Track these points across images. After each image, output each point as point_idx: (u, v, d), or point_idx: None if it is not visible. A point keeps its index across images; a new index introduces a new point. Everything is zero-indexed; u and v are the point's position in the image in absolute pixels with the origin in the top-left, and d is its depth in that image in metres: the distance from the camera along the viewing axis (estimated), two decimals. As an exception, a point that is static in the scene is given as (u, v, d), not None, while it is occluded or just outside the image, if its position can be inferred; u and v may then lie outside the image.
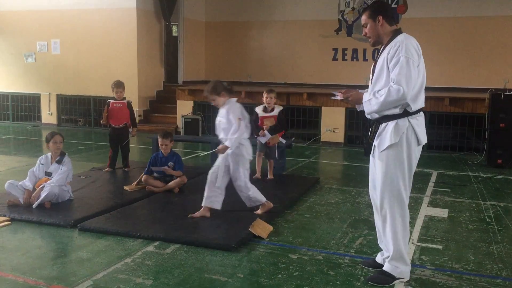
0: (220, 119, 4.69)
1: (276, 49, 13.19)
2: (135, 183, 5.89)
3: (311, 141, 10.16)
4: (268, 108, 6.33)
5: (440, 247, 4.21)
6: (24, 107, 12.94)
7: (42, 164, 5.20)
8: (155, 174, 5.89)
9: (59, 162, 5.17)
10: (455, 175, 7.29)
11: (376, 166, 3.39)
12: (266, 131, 6.20)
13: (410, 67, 3.15)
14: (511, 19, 11.03)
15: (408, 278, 3.45)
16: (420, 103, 3.30)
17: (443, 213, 5.25)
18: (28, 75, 12.64)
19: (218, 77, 13.66)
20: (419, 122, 3.31)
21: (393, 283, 3.40)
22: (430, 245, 4.24)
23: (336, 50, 12.62)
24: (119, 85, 6.90)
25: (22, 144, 9.70)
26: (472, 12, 11.34)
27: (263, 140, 6.24)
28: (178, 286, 3.37)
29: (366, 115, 3.44)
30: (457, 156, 8.86)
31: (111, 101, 6.92)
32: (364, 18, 3.39)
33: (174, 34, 13.11)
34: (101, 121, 7.10)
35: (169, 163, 5.84)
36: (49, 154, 5.26)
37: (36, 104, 12.75)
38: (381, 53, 3.36)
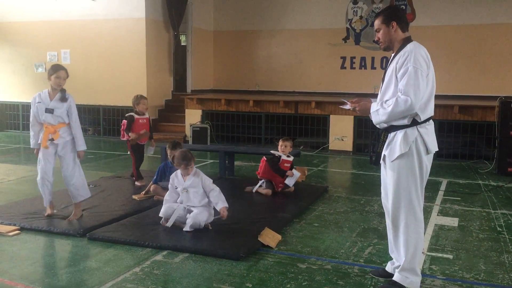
0: (194, 189, 4.64)
1: (284, 58, 13.22)
2: (143, 192, 5.91)
3: (320, 150, 10.14)
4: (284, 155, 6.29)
5: (451, 256, 4.17)
6: (34, 117, 13.03)
7: (40, 102, 4.81)
8: (163, 183, 5.90)
9: (62, 99, 4.81)
10: (465, 183, 7.23)
11: (388, 176, 3.37)
12: (294, 171, 6.21)
13: (419, 78, 3.13)
14: (521, 26, 10.98)
15: None
16: (429, 112, 3.28)
17: (453, 222, 5.20)
18: (39, 85, 12.67)
19: (227, 86, 13.73)
20: (428, 131, 3.29)
21: None
22: (440, 255, 4.20)
23: (344, 58, 12.63)
24: (143, 97, 6.75)
25: (32, 154, 9.72)
26: (481, 20, 11.30)
27: (292, 181, 6.19)
28: (186, 295, 3.35)
29: (375, 125, 3.43)
30: (467, 164, 8.79)
31: (136, 116, 6.62)
32: (377, 23, 3.37)
33: (182, 44, 13.19)
34: (128, 138, 6.56)
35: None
36: (45, 91, 4.87)
37: (46, 114, 12.83)
38: (390, 62, 3.35)
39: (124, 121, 6.66)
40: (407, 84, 3.14)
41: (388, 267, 3.63)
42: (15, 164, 8.46)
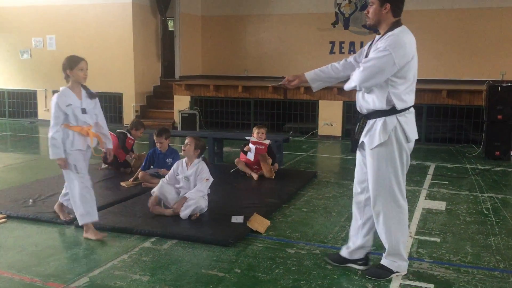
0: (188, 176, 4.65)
1: (272, 43, 13.13)
2: (131, 179, 5.87)
3: (309, 135, 10.14)
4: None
5: (438, 240, 4.20)
6: (20, 104, 12.88)
7: (70, 105, 4.10)
8: (151, 170, 5.87)
9: (92, 96, 4.22)
10: (453, 167, 7.28)
11: (367, 163, 3.34)
12: (250, 145, 6.22)
13: (384, 60, 3.08)
14: (509, 10, 10.98)
15: (405, 272, 3.44)
16: (409, 102, 3.23)
17: (440, 205, 5.24)
18: (24, 72, 12.58)
19: (215, 71, 13.63)
20: (407, 120, 3.24)
21: (390, 277, 3.39)
22: (427, 238, 4.23)
23: (333, 43, 12.57)
24: (144, 126, 6.73)
25: (19, 141, 9.65)
26: (470, 4, 11.29)
27: (250, 156, 6.23)
28: (175, 282, 3.35)
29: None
30: (455, 149, 8.85)
31: (128, 135, 6.57)
32: None
33: (170, 29, 13.04)
34: (133, 157, 6.53)
35: (167, 160, 5.81)
36: (65, 89, 4.19)
37: (32, 101, 12.69)
38: (373, 44, 3.29)
39: (114, 139, 6.29)
40: (370, 59, 3.14)
41: (343, 252, 3.62)
42: (1, 152, 8.36)
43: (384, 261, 3.42)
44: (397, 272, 3.40)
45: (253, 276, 3.45)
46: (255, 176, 6.11)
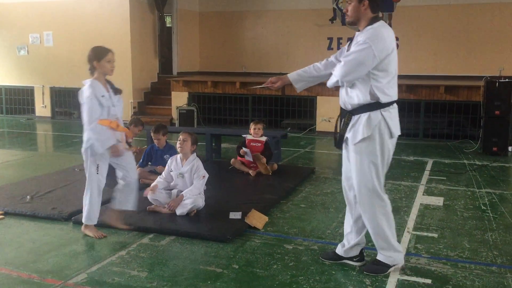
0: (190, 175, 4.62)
1: (270, 39, 13.11)
2: (129, 175, 5.85)
3: (307, 131, 10.14)
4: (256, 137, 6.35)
5: (435, 235, 4.21)
6: (17, 100, 12.85)
7: (103, 96, 3.92)
8: (149, 167, 5.86)
9: (117, 91, 4.08)
10: (450, 163, 7.29)
11: (350, 158, 3.36)
12: (245, 149, 6.20)
13: (364, 53, 3.10)
14: (506, 6, 10.97)
15: (402, 263, 3.44)
16: (392, 96, 3.24)
17: (438, 201, 5.25)
18: (21, 68, 12.54)
19: (213, 67, 13.61)
20: (391, 115, 3.25)
21: (388, 271, 3.39)
22: (425, 234, 4.24)
23: (331, 39, 12.54)
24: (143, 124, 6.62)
25: (16, 138, 9.63)
26: (468, 0, 11.28)
27: (247, 157, 6.22)
28: (173, 278, 3.35)
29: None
30: (453, 144, 8.86)
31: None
32: None
33: (168, 25, 13.01)
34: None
35: (165, 156, 5.80)
36: (93, 81, 3.96)
37: (29, 97, 12.65)
38: (353, 39, 3.30)
39: None
40: (350, 54, 3.16)
41: (339, 249, 3.62)
42: (-1, 148, 8.35)
43: (380, 257, 3.43)
44: (394, 265, 3.40)
45: (251, 272, 3.45)
46: (252, 173, 6.11)
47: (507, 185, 6.02)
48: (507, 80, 7.88)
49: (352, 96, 3.27)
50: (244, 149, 6.21)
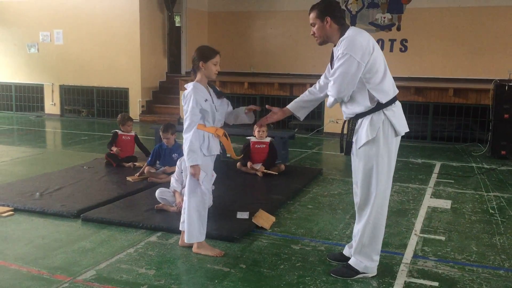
0: None
1: (279, 40, 13.12)
2: (137, 174, 5.89)
3: (314, 132, 10.14)
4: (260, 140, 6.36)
5: (443, 238, 4.21)
6: (27, 98, 12.94)
7: (207, 100, 3.59)
8: (157, 166, 5.90)
9: (220, 95, 3.77)
10: (458, 166, 7.27)
11: (355, 163, 3.33)
12: (249, 164, 6.21)
13: (347, 63, 3.09)
14: (517, 9, 10.92)
15: (374, 274, 3.38)
16: (390, 93, 3.21)
17: (446, 204, 5.23)
18: (31, 66, 12.64)
19: (221, 67, 13.49)
20: (395, 113, 3.22)
21: (356, 277, 3.34)
22: (432, 236, 4.24)
23: (339, 40, 12.55)
24: (130, 118, 6.74)
25: (26, 135, 9.71)
26: (477, 2, 11.22)
27: (257, 166, 6.23)
28: (180, 276, 3.38)
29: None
30: (461, 147, 8.83)
31: (120, 132, 6.65)
32: (312, 16, 3.27)
33: (177, 25, 13.05)
34: (112, 152, 6.51)
35: (173, 155, 5.84)
36: (196, 84, 3.64)
37: (39, 95, 12.74)
38: (333, 54, 3.28)
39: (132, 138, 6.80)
40: (335, 71, 3.16)
41: (346, 251, 3.61)
42: (9, 145, 8.41)
43: (351, 260, 3.39)
44: (363, 273, 3.34)
45: (258, 272, 3.47)
46: (259, 173, 6.10)
47: (515, 189, 6.00)
48: (516, 83, 7.84)
49: (353, 108, 3.26)
50: (253, 165, 6.16)
